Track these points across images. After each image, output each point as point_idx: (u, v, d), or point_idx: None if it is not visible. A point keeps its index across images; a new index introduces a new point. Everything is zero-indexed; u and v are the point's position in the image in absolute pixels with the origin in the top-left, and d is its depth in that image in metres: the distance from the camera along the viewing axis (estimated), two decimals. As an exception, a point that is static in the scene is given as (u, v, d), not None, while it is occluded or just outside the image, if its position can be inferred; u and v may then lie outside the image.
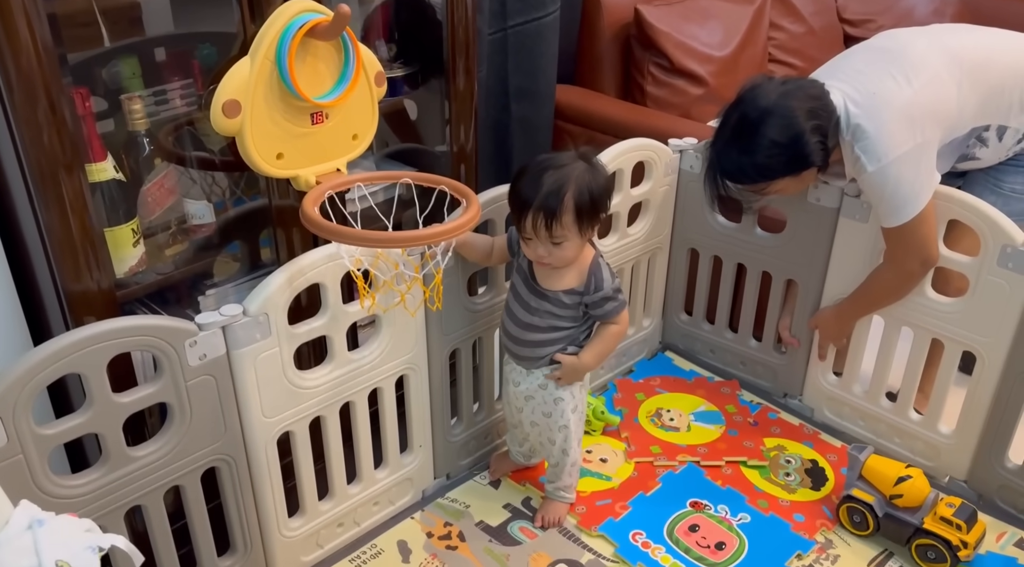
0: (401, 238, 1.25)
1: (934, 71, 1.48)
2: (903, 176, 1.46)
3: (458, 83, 1.62)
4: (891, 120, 1.45)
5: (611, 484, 1.70)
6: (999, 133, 1.57)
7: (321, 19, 1.22)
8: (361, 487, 1.56)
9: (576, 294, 1.45)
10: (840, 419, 1.86)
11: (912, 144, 1.45)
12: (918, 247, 1.54)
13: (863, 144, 1.46)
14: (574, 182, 1.36)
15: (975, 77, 1.51)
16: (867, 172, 1.48)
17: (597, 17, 2.31)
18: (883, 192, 1.49)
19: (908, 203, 1.48)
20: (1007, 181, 1.64)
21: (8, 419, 1.04)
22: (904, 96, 1.46)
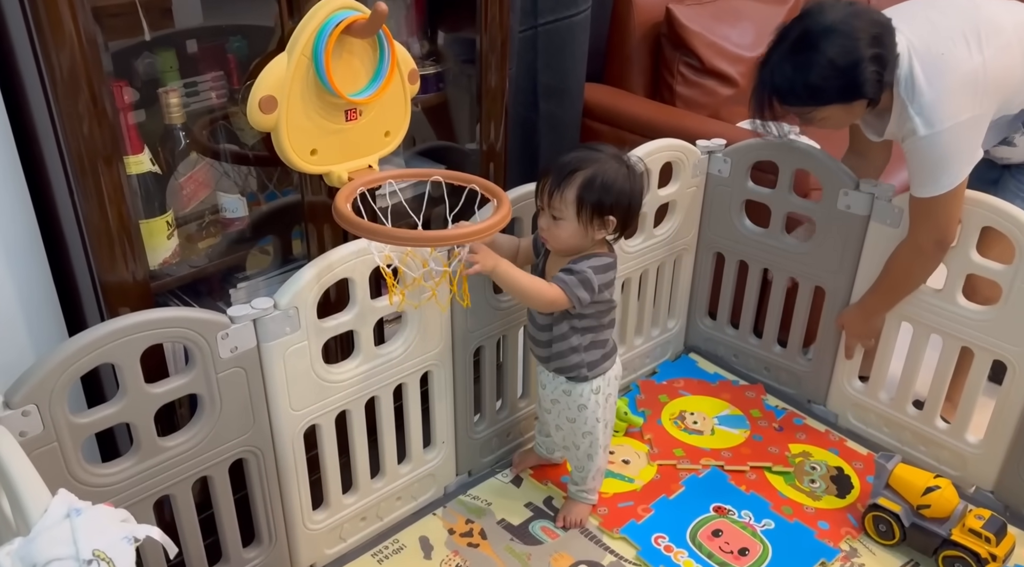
0: (433, 237, 1.25)
1: (1007, 39, 1.42)
2: (953, 146, 1.41)
3: (490, 81, 1.62)
4: (953, 88, 1.39)
5: (634, 486, 1.70)
6: None
7: (358, 16, 1.22)
8: (384, 481, 1.57)
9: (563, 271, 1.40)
10: (865, 426, 1.84)
11: (969, 114, 1.39)
12: (938, 224, 1.49)
13: (919, 106, 1.40)
14: (593, 167, 1.36)
15: None
16: (918, 135, 1.41)
17: (628, 16, 2.30)
18: (928, 159, 1.43)
19: (949, 174, 1.42)
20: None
21: (44, 408, 1.06)
22: (973, 64, 1.39)
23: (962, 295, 1.62)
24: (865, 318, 1.73)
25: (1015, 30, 1.44)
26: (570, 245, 1.41)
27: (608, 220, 1.38)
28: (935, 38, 1.42)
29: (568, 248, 1.42)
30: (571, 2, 2.07)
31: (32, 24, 1.06)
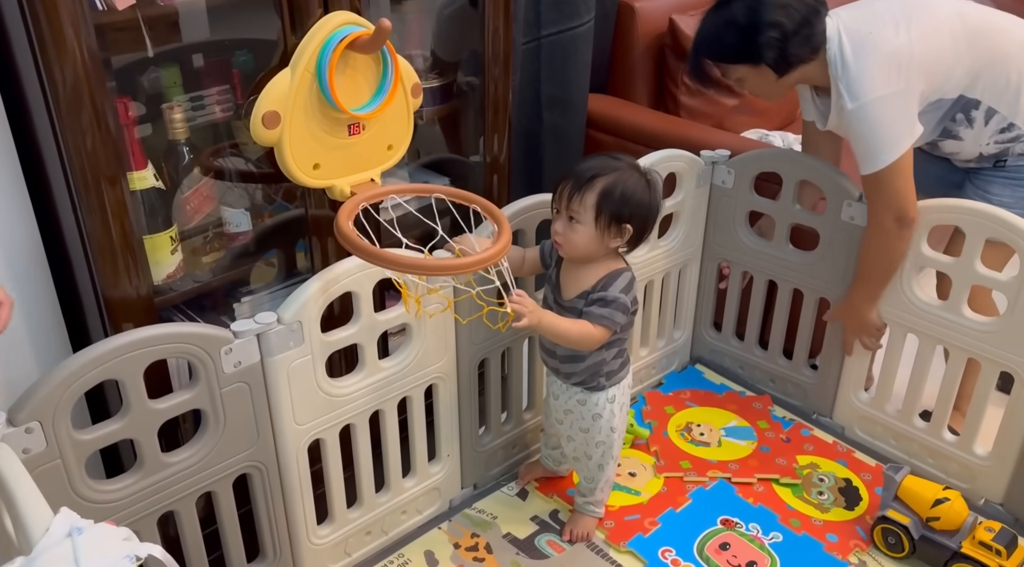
0: (430, 266, 1.24)
1: (936, 22, 1.49)
2: (882, 119, 1.47)
3: (493, 93, 1.62)
4: (876, 63, 1.46)
5: (640, 499, 1.69)
6: (987, 116, 1.54)
7: (362, 32, 1.23)
8: (389, 495, 1.57)
9: (585, 295, 1.41)
10: (872, 438, 1.83)
11: (894, 89, 1.46)
12: (892, 200, 1.52)
13: (845, 80, 1.48)
14: (615, 175, 1.37)
15: (975, 40, 1.50)
16: (847, 109, 1.49)
17: (631, 27, 2.30)
18: (861, 132, 1.49)
19: (885, 148, 1.47)
20: (994, 193, 1.61)
21: (48, 425, 1.06)
22: (898, 43, 1.47)
23: (968, 307, 1.60)
24: (854, 311, 1.72)
25: (949, 17, 1.50)
26: (584, 251, 1.40)
27: (625, 229, 1.38)
28: (868, 20, 1.50)
29: (581, 254, 1.41)
30: (574, 13, 2.08)
31: (35, 40, 1.07)
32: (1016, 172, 1.58)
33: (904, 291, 1.67)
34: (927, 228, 1.61)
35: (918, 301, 1.66)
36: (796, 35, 1.49)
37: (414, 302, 1.35)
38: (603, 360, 1.48)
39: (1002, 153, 1.58)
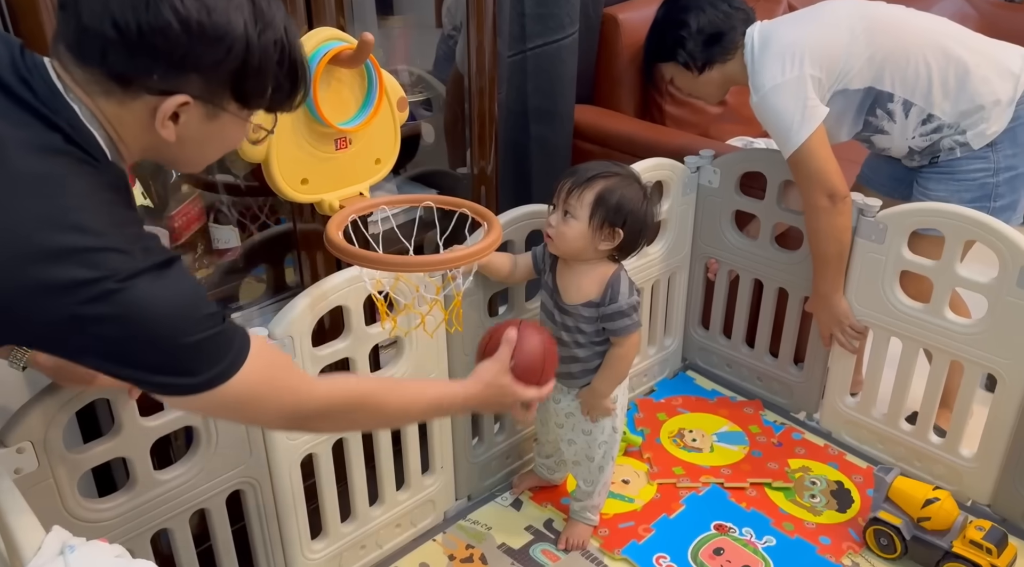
0: (423, 262, 1.25)
1: (834, 18, 1.61)
2: (782, 105, 1.56)
3: (479, 106, 1.63)
4: (772, 55, 1.58)
5: (634, 506, 1.69)
6: (905, 108, 1.60)
7: (345, 47, 1.24)
8: (383, 509, 1.57)
9: (594, 306, 1.45)
10: (859, 442, 1.84)
11: (789, 76, 1.55)
12: (816, 178, 1.58)
13: (751, 76, 1.61)
14: (616, 180, 1.40)
15: (875, 32, 1.58)
16: (753, 101, 1.61)
17: (615, 38, 2.32)
18: (767, 120, 1.60)
19: (792, 132, 1.56)
20: (932, 189, 1.65)
21: (39, 445, 1.06)
22: (792, 36, 1.59)
23: (950, 309, 1.62)
24: (822, 301, 1.74)
25: (849, 13, 1.61)
26: (573, 247, 1.42)
27: (616, 233, 1.41)
28: (777, 22, 1.65)
29: (570, 250, 1.43)
30: (558, 26, 2.10)
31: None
32: (948, 167, 1.63)
33: (886, 295, 1.69)
34: (906, 232, 1.63)
35: (900, 305, 1.68)
36: (702, 34, 1.65)
37: (391, 321, 1.35)
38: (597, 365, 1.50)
39: (933, 148, 1.63)
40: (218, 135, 0.87)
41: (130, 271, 0.76)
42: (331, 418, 1.01)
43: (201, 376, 0.83)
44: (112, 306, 0.75)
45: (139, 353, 0.79)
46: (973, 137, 1.58)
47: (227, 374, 0.85)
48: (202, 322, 0.82)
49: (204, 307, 0.83)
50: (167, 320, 0.79)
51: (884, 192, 1.77)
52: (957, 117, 1.58)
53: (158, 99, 0.80)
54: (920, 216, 1.61)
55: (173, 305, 0.79)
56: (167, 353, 0.80)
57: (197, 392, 0.84)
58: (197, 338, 0.81)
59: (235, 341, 0.87)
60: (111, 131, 0.81)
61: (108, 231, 0.76)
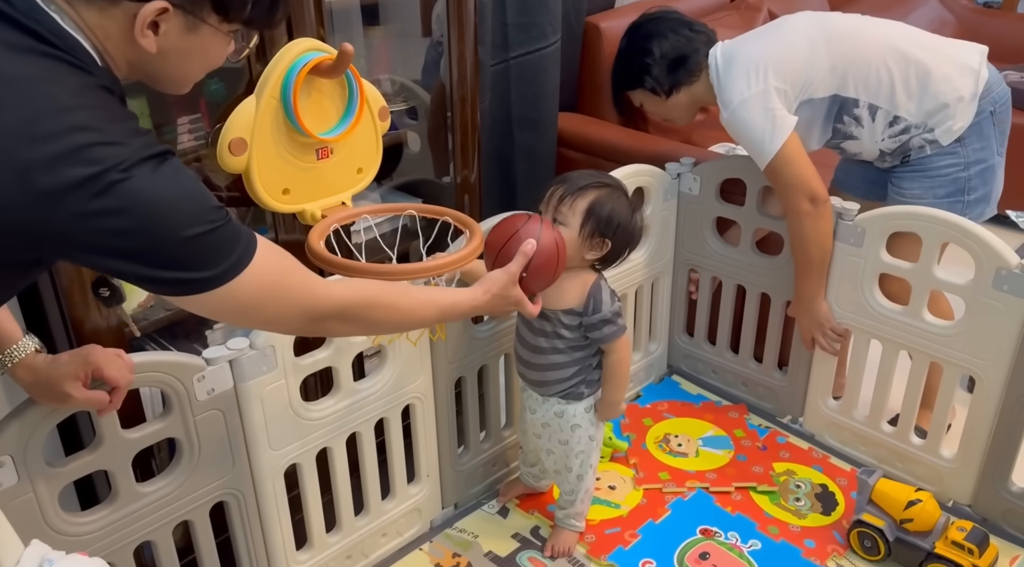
0: (405, 271, 1.25)
1: (791, 31, 1.65)
2: (751, 118, 1.60)
3: (461, 114, 1.64)
4: (737, 71, 1.62)
5: (620, 512, 1.69)
6: (871, 111, 1.63)
7: (325, 57, 1.24)
8: (369, 518, 1.56)
9: (576, 315, 1.45)
10: (841, 444, 1.86)
11: (755, 90, 1.59)
12: (795, 184, 1.61)
13: (719, 94, 1.65)
14: (608, 191, 1.42)
15: (834, 42, 1.62)
16: (723, 118, 1.65)
17: (598, 46, 2.34)
18: (739, 134, 1.64)
19: (765, 143, 1.59)
20: (906, 188, 1.69)
21: (19, 459, 1.05)
22: (754, 52, 1.63)
23: (928, 311, 1.64)
24: (804, 305, 1.76)
25: (808, 26, 1.66)
26: None
27: (605, 243, 1.42)
28: (740, 42, 1.68)
29: None
30: (541, 35, 2.11)
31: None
32: (920, 165, 1.66)
33: (865, 297, 1.70)
34: (884, 235, 1.64)
35: (879, 307, 1.69)
36: (665, 59, 1.70)
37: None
38: (589, 366, 1.51)
39: (903, 149, 1.66)
40: (200, 49, 0.88)
41: (131, 161, 0.76)
42: (347, 317, 1.00)
43: (211, 270, 0.83)
44: (117, 197, 0.75)
45: (146, 247, 0.79)
46: (941, 134, 1.61)
47: (237, 268, 0.85)
48: (207, 213, 0.82)
49: (207, 200, 0.83)
50: (172, 209, 0.79)
51: (859, 194, 1.80)
52: (923, 116, 1.61)
53: (137, 5, 0.80)
54: (897, 219, 1.63)
55: (176, 194, 0.79)
56: (174, 245, 0.80)
57: (209, 288, 0.84)
58: (203, 229, 0.81)
59: (242, 236, 0.86)
60: (96, 42, 0.82)
61: (105, 126, 0.76)
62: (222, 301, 0.85)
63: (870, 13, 1.74)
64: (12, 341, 1.01)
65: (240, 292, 0.86)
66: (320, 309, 0.96)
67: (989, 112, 1.62)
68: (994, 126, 1.63)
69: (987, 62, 1.65)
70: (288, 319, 0.95)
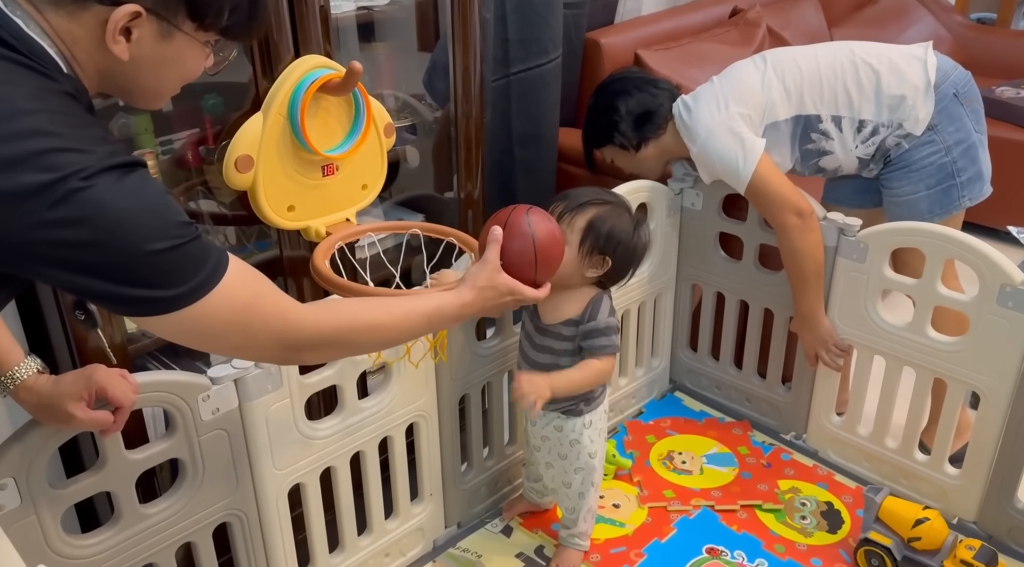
0: None
1: (738, 69, 1.73)
2: (721, 146, 1.65)
3: (465, 130, 1.64)
4: (699, 109, 1.69)
5: (625, 531, 1.68)
6: (836, 123, 1.67)
7: (332, 75, 1.24)
8: (372, 538, 1.54)
9: (573, 324, 1.44)
10: (845, 461, 1.85)
11: (719, 119, 1.65)
12: (778, 201, 1.64)
13: (685, 134, 1.71)
14: (608, 208, 1.41)
15: (779, 66, 1.69)
16: (694, 153, 1.71)
17: (598, 62, 2.35)
18: (712, 165, 1.69)
19: (739, 167, 1.64)
20: (897, 188, 1.70)
21: (22, 481, 1.03)
22: (710, 91, 1.71)
23: (931, 327, 1.64)
24: (805, 321, 1.76)
25: (751, 62, 1.73)
26: (562, 272, 1.39)
27: (605, 260, 1.41)
28: (699, 88, 1.75)
29: (559, 275, 1.40)
30: (542, 51, 2.12)
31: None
32: (902, 161, 1.68)
33: (868, 313, 1.70)
34: (887, 251, 1.64)
35: (883, 323, 1.69)
36: (631, 114, 1.75)
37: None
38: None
39: (881, 151, 1.68)
40: (175, 59, 0.84)
41: (94, 169, 0.72)
42: (327, 345, 0.94)
43: (176, 289, 0.78)
44: (76, 207, 0.71)
45: (107, 261, 0.74)
46: (911, 126, 1.64)
47: (205, 288, 0.80)
48: (173, 228, 0.77)
49: (174, 214, 0.78)
50: (134, 222, 0.74)
51: (853, 205, 1.81)
52: (886, 113, 1.64)
53: (108, 10, 0.77)
54: (901, 235, 1.63)
55: (140, 207, 0.75)
56: (137, 260, 0.75)
57: (173, 308, 0.79)
58: (168, 244, 0.76)
59: (211, 255, 0.81)
60: (64, 49, 0.79)
61: (66, 131, 0.73)
62: (187, 323, 0.81)
63: (864, 31, 1.78)
64: (14, 362, 0.99)
65: (207, 315, 0.81)
66: (295, 337, 0.90)
67: (952, 94, 1.64)
68: (962, 106, 1.65)
69: (933, 50, 1.68)
70: (260, 346, 0.89)
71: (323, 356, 0.99)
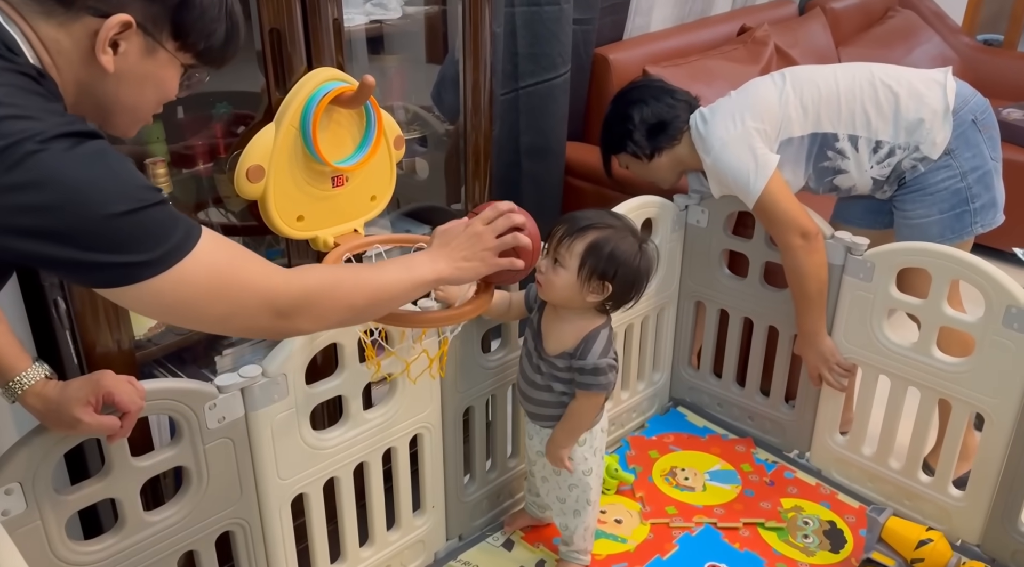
0: (417, 319, 1.24)
1: (756, 84, 1.74)
2: (734, 159, 1.65)
3: (474, 142, 1.65)
4: (716, 122, 1.69)
5: (627, 547, 1.68)
6: (852, 142, 1.67)
7: (345, 88, 1.25)
8: (373, 550, 1.54)
9: (567, 357, 1.43)
10: (849, 481, 1.84)
11: (735, 132, 1.65)
12: (785, 220, 1.65)
13: (700, 145, 1.71)
14: (609, 232, 1.38)
15: (798, 83, 1.69)
16: (707, 164, 1.71)
17: (606, 77, 2.36)
18: (724, 177, 1.68)
19: (749, 182, 1.64)
20: (910, 210, 1.70)
21: (28, 486, 1.04)
22: (727, 104, 1.71)
23: (937, 348, 1.64)
24: (807, 339, 1.76)
25: (770, 78, 1.73)
26: (560, 296, 1.41)
27: (605, 286, 1.39)
28: (717, 102, 1.75)
29: (558, 298, 1.42)
30: (551, 66, 2.13)
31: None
32: (917, 184, 1.68)
33: (874, 333, 1.70)
34: (894, 270, 1.65)
35: (888, 343, 1.69)
36: (645, 124, 1.75)
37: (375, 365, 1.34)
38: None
39: (896, 173, 1.68)
40: (155, 76, 0.85)
41: (49, 134, 0.71)
42: (315, 306, 0.90)
43: (145, 254, 0.75)
44: (32, 170, 0.70)
45: (69, 225, 0.71)
46: (927, 149, 1.65)
47: (179, 253, 0.77)
48: (136, 191, 0.75)
49: (138, 179, 0.76)
50: (93, 184, 0.72)
51: (863, 225, 1.82)
52: (904, 135, 1.64)
53: (99, 21, 0.78)
54: (907, 255, 1.63)
55: (100, 169, 0.73)
56: (100, 223, 0.72)
57: (146, 276, 0.75)
58: (132, 207, 0.74)
59: (180, 221, 0.78)
60: (46, 57, 0.79)
61: (20, 102, 0.72)
62: (165, 294, 0.77)
63: (872, 51, 1.79)
64: (22, 368, 0.99)
65: (185, 282, 0.78)
66: (284, 300, 0.86)
67: (971, 121, 1.65)
68: (980, 133, 1.66)
69: (952, 76, 1.68)
70: (250, 314, 0.85)
71: (316, 319, 0.92)
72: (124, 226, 0.74)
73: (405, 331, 1.37)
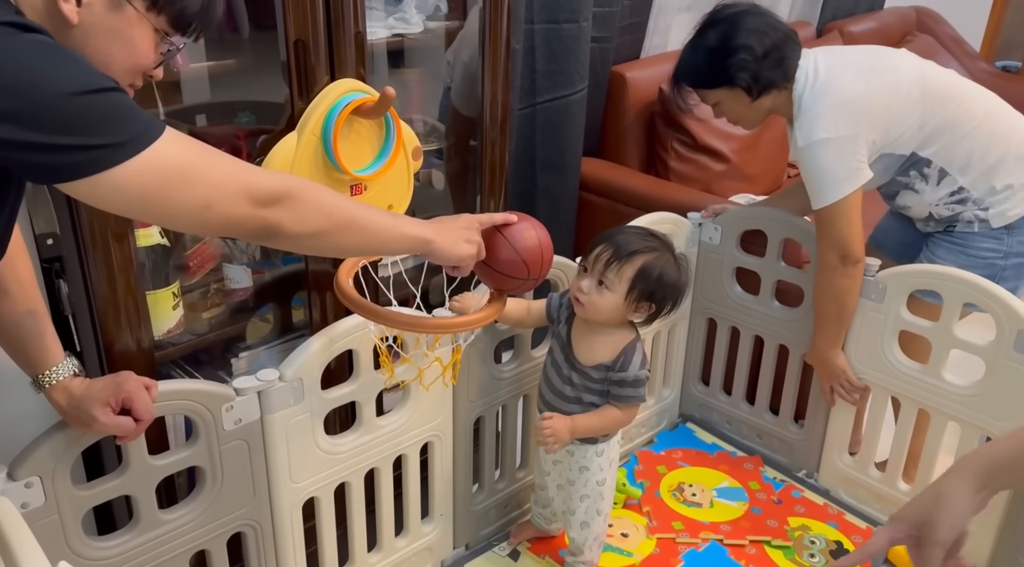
0: (430, 326, 1.25)
1: (895, 79, 1.56)
2: (827, 160, 1.53)
3: (491, 156, 1.67)
4: (831, 106, 1.52)
5: (632, 560, 1.68)
6: (940, 176, 1.59)
7: (366, 98, 1.28)
8: (381, 556, 1.55)
9: (604, 369, 1.45)
10: (856, 501, 1.84)
11: (842, 133, 1.52)
12: (836, 237, 1.58)
13: (800, 118, 1.55)
14: (657, 258, 1.40)
15: (929, 102, 1.56)
16: (797, 146, 1.57)
17: (623, 95, 2.38)
18: (808, 169, 1.56)
19: (829, 187, 1.54)
20: (940, 257, 1.65)
21: (48, 480, 1.06)
22: (854, 91, 1.53)
23: (948, 370, 1.64)
24: (819, 357, 1.76)
25: (909, 77, 1.57)
26: (604, 317, 1.43)
27: (651, 307, 1.42)
28: (835, 64, 1.57)
29: (601, 318, 1.43)
30: (568, 82, 2.16)
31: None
32: (961, 238, 1.62)
33: (884, 354, 1.70)
34: (906, 292, 1.65)
35: (899, 364, 1.70)
36: (766, 58, 1.55)
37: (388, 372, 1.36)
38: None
39: (952, 218, 1.63)
40: (123, 34, 0.82)
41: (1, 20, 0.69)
42: (293, 199, 0.86)
43: (111, 138, 0.72)
44: None
45: (26, 105, 0.68)
46: (994, 215, 1.58)
47: (148, 136, 0.74)
48: (91, 75, 0.72)
49: (91, 66, 0.74)
50: (51, 65, 0.70)
51: (893, 256, 1.79)
52: (985, 192, 1.57)
53: None
54: (919, 277, 1.64)
55: (50, 54, 0.71)
56: (58, 101, 0.69)
57: (114, 161, 0.72)
58: (91, 87, 0.71)
59: (141, 112, 0.75)
60: None
61: None
62: (138, 180, 0.73)
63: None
64: (54, 361, 1.02)
65: (159, 164, 0.74)
66: (263, 187, 0.83)
67: None
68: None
69: None
70: (227, 201, 0.80)
71: (294, 214, 0.86)
72: (83, 105, 0.71)
73: (419, 338, 1.39)
